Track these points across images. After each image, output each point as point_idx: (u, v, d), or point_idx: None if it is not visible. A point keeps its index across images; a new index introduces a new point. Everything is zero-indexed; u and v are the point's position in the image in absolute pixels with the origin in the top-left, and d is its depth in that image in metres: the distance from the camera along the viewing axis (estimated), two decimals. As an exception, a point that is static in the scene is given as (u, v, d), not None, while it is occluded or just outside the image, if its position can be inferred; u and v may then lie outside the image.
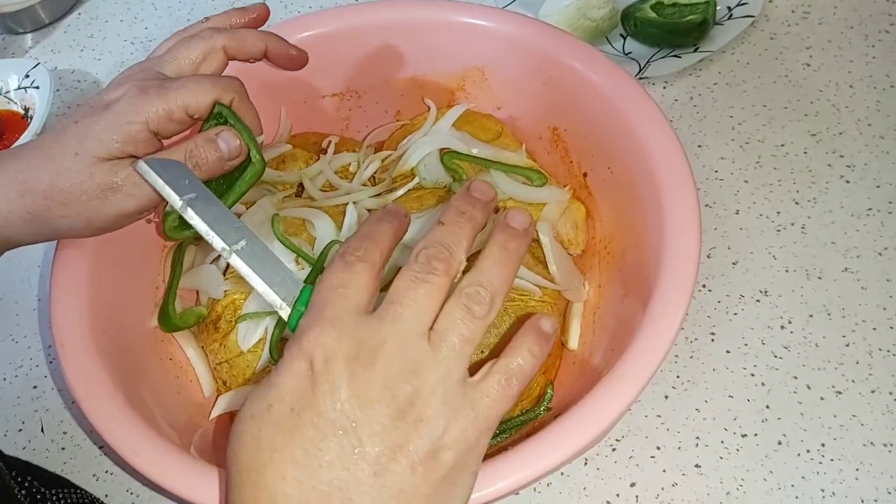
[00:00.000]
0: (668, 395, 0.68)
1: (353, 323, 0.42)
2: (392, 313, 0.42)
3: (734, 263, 0.75)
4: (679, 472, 0.64)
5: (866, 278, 0.72)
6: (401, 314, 0.42)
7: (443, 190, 0.71)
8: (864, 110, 0.83)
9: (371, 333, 0.41)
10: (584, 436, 0.50)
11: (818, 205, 0.77)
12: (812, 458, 0.64)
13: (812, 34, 0.90)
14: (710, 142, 0.83)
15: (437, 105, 0.76)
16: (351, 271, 0.43)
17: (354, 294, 0.43)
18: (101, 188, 0.52)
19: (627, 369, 0.52)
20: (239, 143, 0.56)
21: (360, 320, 0.42)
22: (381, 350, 0.41)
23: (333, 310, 0.42)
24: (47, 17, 1.08)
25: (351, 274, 0.43)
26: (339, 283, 0.43)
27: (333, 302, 0.42)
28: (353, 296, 0.43)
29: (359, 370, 0.40)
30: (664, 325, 0.54)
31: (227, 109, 0.56)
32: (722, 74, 0.89)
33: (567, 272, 0.68)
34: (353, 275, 0.43)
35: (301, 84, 0.75)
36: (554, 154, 0.74)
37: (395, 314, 0.42)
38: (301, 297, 0.46)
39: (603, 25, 0.92)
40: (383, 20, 0.73)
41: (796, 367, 0.68)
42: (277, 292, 0.47)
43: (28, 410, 0.75)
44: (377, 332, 0.41)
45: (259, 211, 0.69)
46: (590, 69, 0.67)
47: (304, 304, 0.45)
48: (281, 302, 0.47)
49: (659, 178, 0.60)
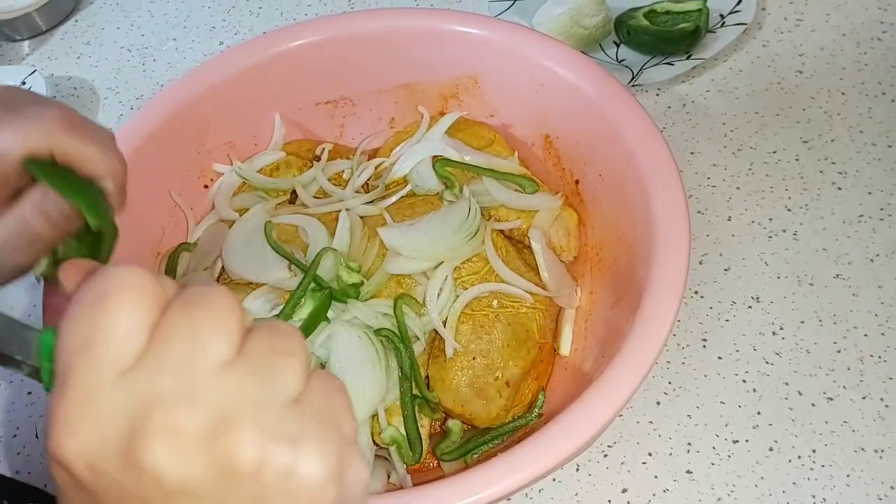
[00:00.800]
0: (660, 401, 0.68)
1: (111, 395, 0.29)
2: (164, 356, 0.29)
3: (726, 270, 0.75)
4: (671, 478, 0.65)
5: (858, 285, 0.72)
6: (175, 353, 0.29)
7: (435, 197, 0.71)
8: (856, 117, 0.84)
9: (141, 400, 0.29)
10: (573, 441, 0.51)
11: (810, 211, 0.78)
12: (803, 464, 0.64)
13: (804, 41, 0.91)
14: (702, 148, 0.83)
15: (431, 112, 0.76)
16: (100, 310, 0.29)
17: (104, 347, 0.29)
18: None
19: (616, 375, 0.53)
20: (61, 210, 0.42)
21: (121, 386, 0.29)
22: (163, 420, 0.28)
23: (80, 384, 0.29)
24: (44, 24, 1.08)
25: (100, 314, 0.29)
26: (86, 335, 0.29)
27: (78, 369, 0.29)
28: (102, 351, 0.29)
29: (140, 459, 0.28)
30: (653, 331, 0.54)
31: (42, 168, 0.42)
32: (714, 82, 0.89)
33: (559, 279, 0.68)
34: (102, 315, 0.29)
35: (295, 91, 0.76)
36: (546, 161, 0.74)
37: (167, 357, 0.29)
38: (41, 349, 0.33)
39: (596, 33, 0.93)
40: (377, 28, 0.73)
41: (788, 373, 0.68)
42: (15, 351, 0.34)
43: (23, 416, 0.75)
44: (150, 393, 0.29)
45: (252, 218, 0.69)
46: (581, 78, 0.68)
47: (48, 357, 0.32)
48: (23, 363, 0.34)
49: (649, 186, 0.61)
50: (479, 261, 0.66)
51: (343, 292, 0.64)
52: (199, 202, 0.75)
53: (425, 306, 0.65)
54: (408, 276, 0.66)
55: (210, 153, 0.74)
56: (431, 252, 0.65)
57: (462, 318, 0.64)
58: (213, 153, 0.75)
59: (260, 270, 0.67)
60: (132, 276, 0.30)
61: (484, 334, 0.64)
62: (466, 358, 0.64)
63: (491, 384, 0.63)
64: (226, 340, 0.30)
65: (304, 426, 0.30)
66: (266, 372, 0.30)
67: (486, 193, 0.70)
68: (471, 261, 0.66)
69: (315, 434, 0.30)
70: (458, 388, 0.63)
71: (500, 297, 0.65)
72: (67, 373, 0.29)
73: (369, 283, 0.65)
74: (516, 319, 0.65)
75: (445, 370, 0.64)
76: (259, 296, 0.66)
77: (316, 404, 0.31)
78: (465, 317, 0.64)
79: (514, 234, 0.70)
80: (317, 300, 0.64)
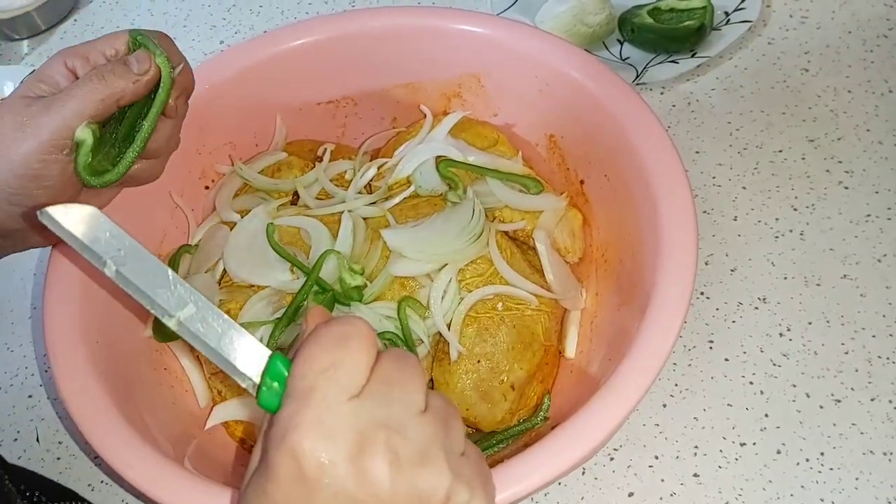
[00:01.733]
0: (667, 404, 0.68)
1: (346, 412, 0.37)
2: (384, 394, 0.38)
3: (732, 270, 0.74)
4: (677, 481, 0.64)
5: (865, 285, 0.72)
6: (391, 395, 0.39)
7: (438, 198, 0.70)
8: (862, 116, 0.83)
9: (368, 422, 0.37)
10: (582, 446, 0.50)
11: (817, 211, 0.77)
12: (811, 466, 0.64)
13: (810, 39, 0.90)
14: (707, 148, 0.83)
15: (434, 112, 0.76)
16: (344, 348, 0.39)
17: (345, 376, 0.38)
18: None
19: (625, 378, 0.52)
20: (149, 57, 0.54)
21: (352, 408, 0.37)
22: (385, 442, 0.37)
23: (322, 399, 0.37)
24: (43, 23, 1.07)
25: (344, 352, 0.39)
26: (329, 365, 0.38)
27: (321, 388, 0.38)
28: (343, 379, 0.38)
29: (366, 467, 0.37)
30: (662, 334, 0.53)
31: (140, 35, 0.55)
32: (720, 80, 0.88)
33: (564, 280, 0.67)
34: (346, 353, 0.39)
35: (296, 91, 0.75)
36: (550, 161, 0.74)
37: (387, 395, 0.38)
38: (269, 369, 0.40)
39: (600, 31, 0.92)
40: (379, 27, 0.72)
41: (795, 375, 0.68)
42: (240, 364, 0.41)
43: (23, 420, 0.74)
44: (375, 419, 0.37)
45: (254, 219, 0.68)
46: (586, 76, 0.67)
47: (275, 378, 0.40)
48: (247, 377, 0.41)
49: (655, 186, 0.60)
50: (484, 263, 0.65)
51: (346, 295, 0.64)
52: (200, 203, 0.74)
53: (429, 309, 0.64)
54: (411, 279, 0.65)
55: (211, 154, 0.73)
56: (435, 254, 0.64)
57: (466, 321, 0.64)
58: (214, 154, 0.74)
59: (262, 273, 0.66)
60: (366, 327, 0.40)
61: (489, 337, 0.63)
62: (471, 361, 0.63)
63: (496, 387, 0.63)
64: (422, 395, 0.40)
65: (472, 474, 0.40)
66: (446, 425, 0.40)
67: (490, 194, 0.69)
68: (475, 263, 0.65)
69: (479, 483, 0.40)
70: (462, 392, 0.63)
71: (504, 300, 0.65)
72: (311, 388, 0.37)
73: (373, 285, 0.64)
74: (521, 322, 0.64)
75: (450, 373, 0.63)
76: (261, 298, 0.65)
77: (474, 459, 0.41)
78: (469, 319, 0.64)
79: (518, 236, 0.70)
80: (320, 303, 0.63)
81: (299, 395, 0.38)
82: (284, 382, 0.40)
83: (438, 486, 0.37)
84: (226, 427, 0.66)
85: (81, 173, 0.52)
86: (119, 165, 0.54)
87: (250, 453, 0.64)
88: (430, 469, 0.37)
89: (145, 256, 0.43)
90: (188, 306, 0.41)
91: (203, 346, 0.41)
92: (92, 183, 0.53)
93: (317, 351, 0.39)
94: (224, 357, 0.41)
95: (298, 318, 0.63)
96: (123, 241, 0.43)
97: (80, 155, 0.52)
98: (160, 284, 0.42)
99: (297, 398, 0.38)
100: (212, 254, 0.69)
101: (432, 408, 0.40)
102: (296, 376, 0.38)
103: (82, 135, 0.51)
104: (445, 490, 0.38)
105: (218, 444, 0.65)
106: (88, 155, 0.52)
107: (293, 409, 0.37)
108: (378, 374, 0.39)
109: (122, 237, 0.43)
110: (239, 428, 0.66)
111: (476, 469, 0.40)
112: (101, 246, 0.42)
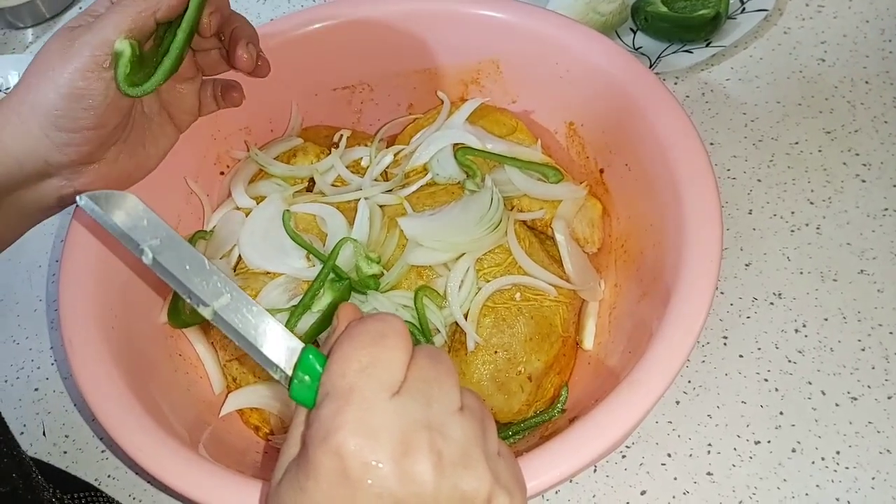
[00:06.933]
0: (680, 401, 0.67)
1: (388, 411, 0.37)
2: (424, 392, 0.39)
3: (747, 265, 0.74)
4: (690, 479, 0.64)
5: (882, 281, 0.71)
6: (431, 393, 0.39)
7: (456, 186, 0.69)
8: (880, 107, 0.82)
9: (411, 421, 0.37)
10: (602, 442, 0.49)
11: (833, 204, 0.76)
12: (827, 465, 0.63)
13: (827, 28, 0.89)
14: (722, 139, 0.82)
15: (451, 98, 0.75)
16: (381, 346, 0.39)
17: (385, 373, 0.38)
18: None
19: (647, 373, 0.52)
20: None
21: (394, 407, 0.38)
22: (429, 442, 0.37)
23: (363, 398, 0.37)
24: (48, 11, 1.06)
25: (381, 349, 0.39)
26: (367, 363, 0.38)
27: (361, 387, 0.38)
28: (383, 376, 0.38)
29: (411, 468, 0.37)
30: (685, 328, 0.53)
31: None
32: (734, 70, 0.87)
33: (582, 271, 0.67)
34: (383, 350, 0.39)
35: (312, 76, 0.74)
36: (570, 150, 0.73)
37: (426, 393, 0.39)
38: (301, 362, 0.40)
39: (612, 20, 0.91)
40: (396, 11, 0.71)
41: (811, 372, 0.68)
42: (273, 356, 0.41)
43: (30, 413, 0.73)
44: (417, 419, 0.38)
45: (270, 206, 0.67)
46: (609, 63, 0.66)
47: (307, 372, 0.40)
48: (279, 369, 0.41)
49: (678, 175, 0.59)
50: (502, 252, 0.65)
51: (363, 283, 0.63)
52: (216, 189, 0.73)
53: (446, 298, 0.63)
54: (428, 268, 0.64)
55: (226, 139, 0.72)
56: (453, 243, 0.64)
57: (484, 311, 0.63)
58: (230, 139, 0.73)
59: (277, 260, 0.66)
60: (402, 325, 0.40)
61: (506, 328, 0.63)
62: (488, 352, 0.62)
63: (513, 378, 0.62)
64: (458, 393, 0.40)
65: (509, 476, 0.40)
66: (482, 424, 0.40)
67: (509, 183, 0.68)
68: (493, 252, 0.65)
69: (516, 486, 0.40)
70: (479, 382, 0.62)
71: (522, 290, 0.64)
72: (351, 387, 0.37)
73: (389, 274, 0.64)
74: (539, 313, 0.64)
75: (466, 364, 0.62)
76: (277, 286, 0.64)
77: (509, 460, 0.41)
78: (486, 310, 0.63)
79: (536, 225, 0.69)
80: (336, 291, 0.62)
81: (339, 393, 0.38)
82: (317, 377, 0.40)
83: (480, 489, 0.38)
84: (241, 414, 0.66)
85: (121, 84, 0.53)
86: (157, 73, 0.55)
87: (266, 441, 0.64)
88: (472, 471, 0.38)
89: (182, 245, 0.43)
90: (224, 296, 0.42)
91: (237, 335, 0.42)
92: (130, 93, 0.53)
93: (354, 349, 0.39)
94: (257, 348, 0.41)
95: (314, 306, 0.62)
96: (161, 230, 0.43)
97: (120, 66, 0.52)
98: (196, 273, 0.42)
99: (337, 397, 0.38)
100: (227, 240, 0.68)
101: (468, 407, 0.40)
102: (334, 374, 0.38)
103: (120, 46, 0.51)
104: (486, 493, 0.38)
105: (233, 432, 0.64)
106: (127, 66, 0.52)
107: (335, 409, 0.37)
108: (415, 371, 0.39)
109: (160, 225, 0.43)
110: (254, 415, 0.65)
111: (511, 470, 0.41)
112: (139, 233, 0.43)
